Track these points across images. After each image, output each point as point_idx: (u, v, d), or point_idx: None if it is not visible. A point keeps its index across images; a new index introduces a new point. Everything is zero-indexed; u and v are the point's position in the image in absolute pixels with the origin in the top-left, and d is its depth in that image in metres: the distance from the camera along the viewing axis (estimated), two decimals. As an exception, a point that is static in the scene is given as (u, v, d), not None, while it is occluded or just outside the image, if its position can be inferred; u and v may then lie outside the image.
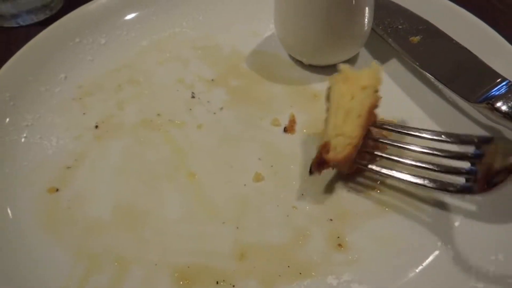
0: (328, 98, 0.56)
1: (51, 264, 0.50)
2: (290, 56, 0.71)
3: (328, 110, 0.55)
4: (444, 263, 0.47)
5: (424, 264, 0.48)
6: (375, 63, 0.54)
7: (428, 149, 0.50)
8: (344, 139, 0.50)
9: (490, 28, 0.66)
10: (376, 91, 0.52)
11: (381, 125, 0.53)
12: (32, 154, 0.60)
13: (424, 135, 0.51)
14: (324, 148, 0.50)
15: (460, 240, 0.49)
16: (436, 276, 0.47)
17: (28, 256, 0.50)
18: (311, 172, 0.52)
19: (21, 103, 0.64)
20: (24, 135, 0.62)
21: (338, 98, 0.53)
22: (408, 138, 0.52)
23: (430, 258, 0.48)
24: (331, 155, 0.50)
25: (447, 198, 0.53)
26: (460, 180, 0.49)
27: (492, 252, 0.47)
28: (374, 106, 0.52)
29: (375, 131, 0.54)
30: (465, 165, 0.49)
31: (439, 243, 0.49)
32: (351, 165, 0.53)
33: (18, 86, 0.65)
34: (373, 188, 0.54)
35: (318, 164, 0.51)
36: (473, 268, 0.46)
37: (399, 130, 0.52)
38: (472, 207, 0.52)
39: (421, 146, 0.50)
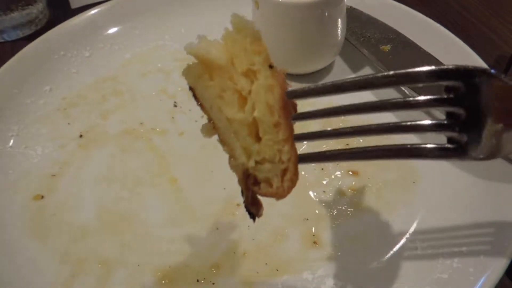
0: (201, 104, 0.37)
1: (36, 268, 0.51)
2: (268, 65, 0.74)
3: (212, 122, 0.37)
4: (409, 257, 0.50)
5: (389, 257, 0.50)
6: (236, 15, 0.34)
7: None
8: (273, 166, 0.34)
9: (454, 36, 0.70)
10: (271, 66, 0.33)
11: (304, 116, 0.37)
12: (18, 163, 0.61)
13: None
14: (248, 181, 0.35)
15: (422, 236, 0.52)
16: (403, 269, 0.49)
17: (14, 261, 0.52)
18: (254, 217, 0.37)
19: (7, 115, 0.66)
20: (10, 144, 0.63)
21: (216, 103, 0.35)
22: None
23: (396, 252, 0.51)
24: (271, 191, 0.34)
25: (413, 198, 0.56)
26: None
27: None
28: (284, 92, 0.34)
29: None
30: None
31: (403, 240, 0.52)
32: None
33: (4, 99, 0.67)
34: (347, 189, 0.57)
35: (255, 205, 0.36)
36: (438, 261, 0.48)
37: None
38: (432, 203, 0.55)
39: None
